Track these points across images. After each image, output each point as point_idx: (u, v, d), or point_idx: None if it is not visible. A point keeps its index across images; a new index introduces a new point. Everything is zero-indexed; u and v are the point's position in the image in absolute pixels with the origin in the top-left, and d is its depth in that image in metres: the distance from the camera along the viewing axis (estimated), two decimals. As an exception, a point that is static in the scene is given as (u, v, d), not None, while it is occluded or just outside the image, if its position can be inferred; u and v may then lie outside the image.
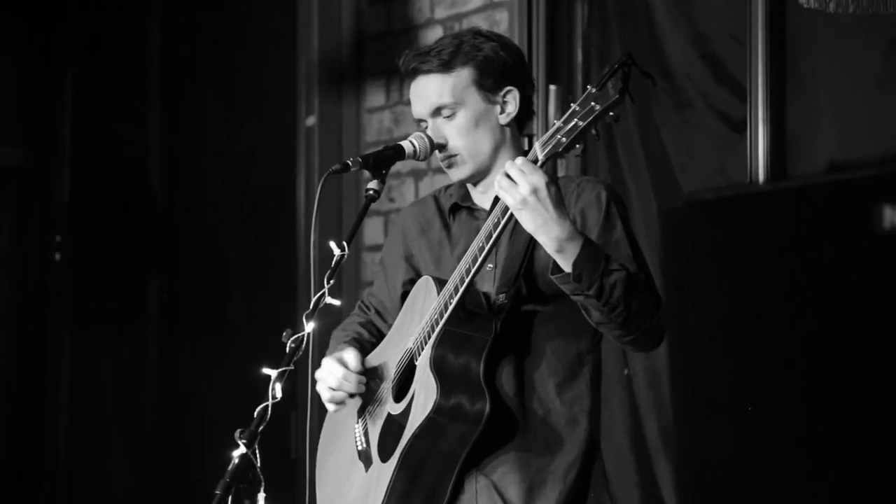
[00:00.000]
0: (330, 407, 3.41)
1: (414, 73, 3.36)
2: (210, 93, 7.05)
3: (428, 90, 3.33)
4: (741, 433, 4.41)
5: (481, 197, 3.41)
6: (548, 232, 3.01)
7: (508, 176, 3.01)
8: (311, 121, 5.97)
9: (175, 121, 7.21)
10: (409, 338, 3.34)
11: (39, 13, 7.46)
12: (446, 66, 3.32)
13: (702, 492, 4.64)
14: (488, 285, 3.29)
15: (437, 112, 3.32)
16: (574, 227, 3.04)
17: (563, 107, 5.06)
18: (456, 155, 3.32)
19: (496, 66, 3.34)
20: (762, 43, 4.49)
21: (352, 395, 3.38)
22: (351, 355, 3.38)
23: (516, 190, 2.99)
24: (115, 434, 7.39)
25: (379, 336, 3.58)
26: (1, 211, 7.51)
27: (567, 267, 3.04)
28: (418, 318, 3.31)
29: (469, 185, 3.43)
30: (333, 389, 3.36)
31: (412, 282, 3.52)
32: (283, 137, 6.21)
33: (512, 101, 3.35)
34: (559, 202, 3.01)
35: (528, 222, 3.01)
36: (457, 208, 3.45)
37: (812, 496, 4.26)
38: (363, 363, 3.40)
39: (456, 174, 3.36)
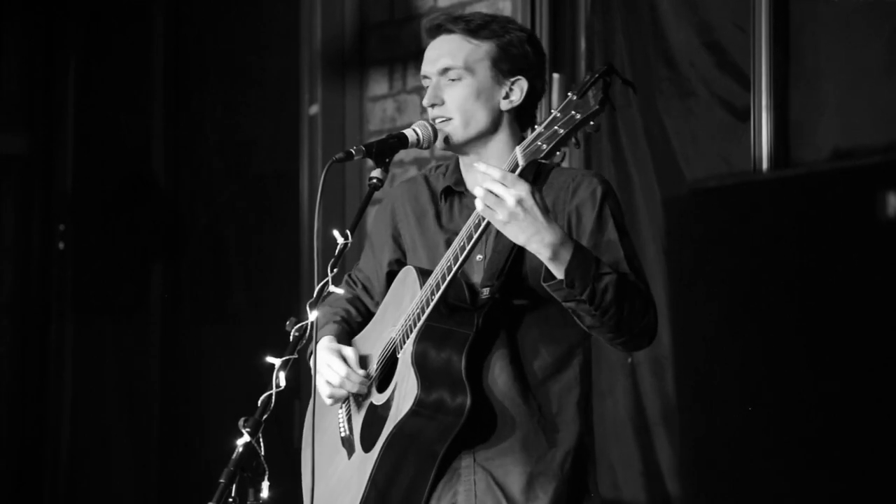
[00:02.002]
0: (328, 401, 3.42)
1: (437, 31, 3.35)
2: (213, 81, 7.05)
3: (444, 48, 3.33)
4: (745, 421, 4.41)
5: (473, 182, 3.39)
6: (541, 240, 2.99)
7: (490, 191, 2.98)
8: (314, 109, 5.97)
9: (178, 109, 7.21)
10: (391, 328, 3.33)
11: (43, 1, 7.46)
12: (472, 33, 3.32)
13: (705, 480, 4.64)
14: (477, 276, 3.28)
15: (444, 71, 3.31)
16: (563, 230, 3.02)
17: (561, 99, 5.06)
18: (449, 119, 3.30)
19: (516, 53, 3.34)
20: (765, 30, 4.48)
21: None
22: (350, 353, 3.39)
23: (502, 205, 2.96)
24: (117, 423, 7.40)
25: (366, 312, 3.57)
26: (4, 199, 7.51)
27: (560, 273, 3.03)
28: (402, 308, 3.30)
29: (462, 169, 3.42)
30: (334, 386, 3.36)
31: (398, 262, 3.52)
32: (286, 126, 6.21)
33: (518, 91, 3.34)
34: (545, 208, 2.99)
35: (519, 234, 2.99)
36: (449, 192, 3.44)
37: (816, 484, 4.26)
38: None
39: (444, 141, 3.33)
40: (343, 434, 3.45)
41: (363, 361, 3.41)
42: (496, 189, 2.97)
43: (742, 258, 4.44)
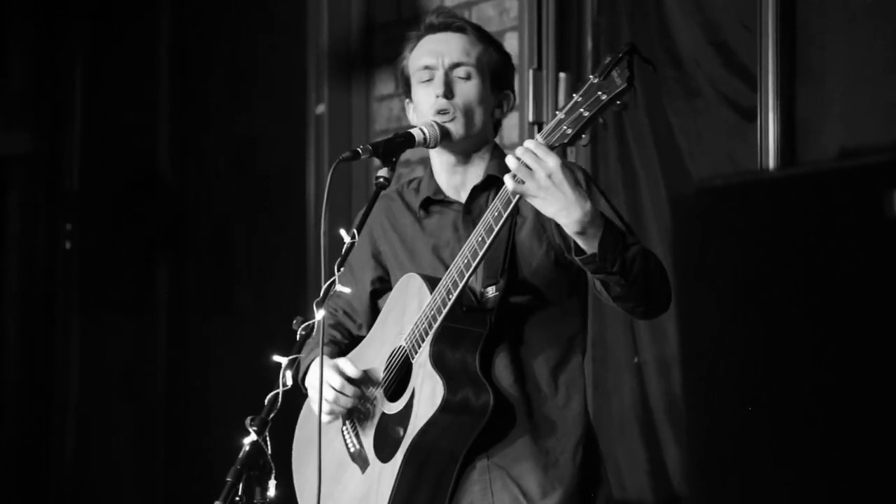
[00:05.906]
0: (325, 418, 3.39)
1: (442, 28, 3.36)
2: (220, 80, 7.06)
3: (456, 44, 3.33)
4: (752, 420, 4.42)
5: (451, 189, 3.40)
6: (570, 215, 2.98)
7: (523, 163, 2.98)
8: (320, 109, 5.97)
9: (184, 108, 7.22)
10: (398, 337, 3.31)
11: (49, -1, 7.48)
12: (480, 38, 3.35)
13: (712, 479, 4.64)
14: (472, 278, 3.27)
15: (455, 66, 3.31)
16: (593, 206, 3.02)
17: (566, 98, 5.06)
18: (456, 113, 3.30)
19: (506, 70, 3.39)
20: (772, 30, 4.48)
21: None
22: (347, 365, 3.37)
23: (532, 177, 2.96)
24: (122, 419, 7.41)
25: (350, 337, 3.56)
26: (10, 197, 7.52)
27: (591, 248, 3.02)
28: (409, 316, 3.29)
29: (438, 176, 3.41)
30: (329, 402, 3.35)
31: (381, 280, 3.51)
32: (292, 125, 6.21)
33: (506, 104, 3.38)
34: (576, 183, 2.99)
35: (549, 206, 2.98)
36: (429, 202, 3.43)
37: (823, 483, 4.27)
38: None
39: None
40: (353, 450, 3.41)
41: (367, 373, 3.39)
42: (528, 160, 2.97)
43: (748, 256, 4.45)
